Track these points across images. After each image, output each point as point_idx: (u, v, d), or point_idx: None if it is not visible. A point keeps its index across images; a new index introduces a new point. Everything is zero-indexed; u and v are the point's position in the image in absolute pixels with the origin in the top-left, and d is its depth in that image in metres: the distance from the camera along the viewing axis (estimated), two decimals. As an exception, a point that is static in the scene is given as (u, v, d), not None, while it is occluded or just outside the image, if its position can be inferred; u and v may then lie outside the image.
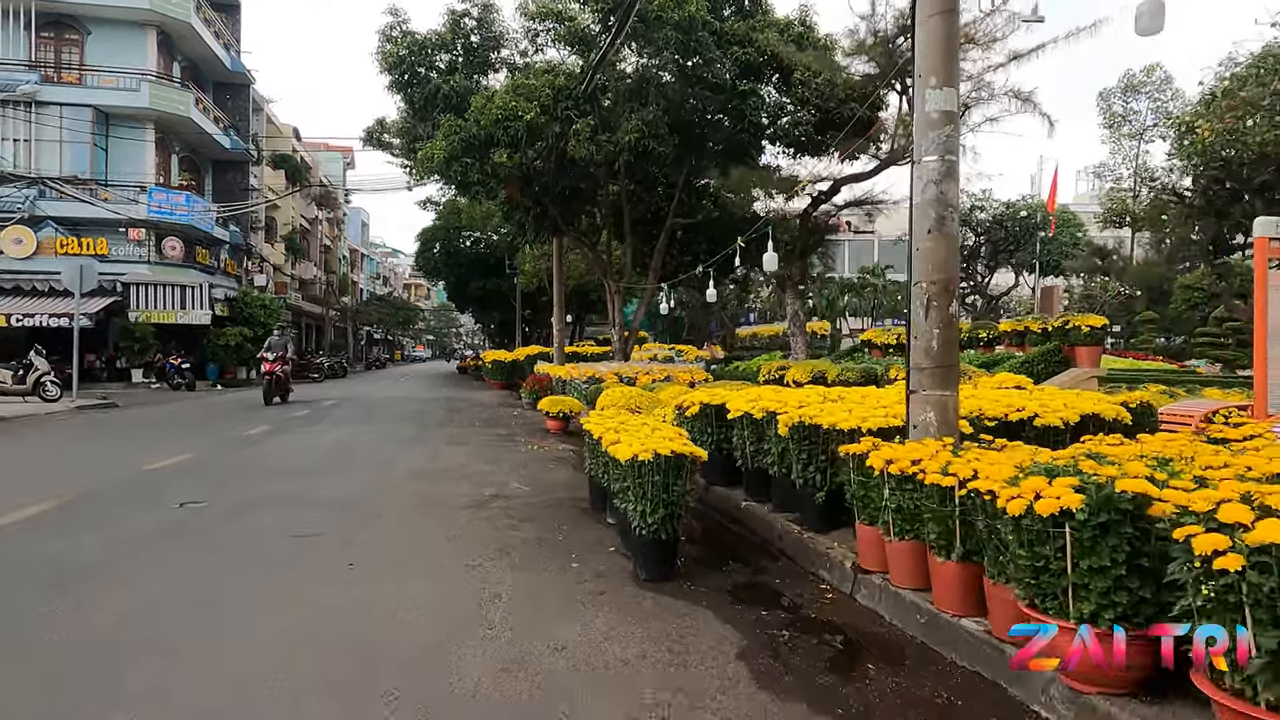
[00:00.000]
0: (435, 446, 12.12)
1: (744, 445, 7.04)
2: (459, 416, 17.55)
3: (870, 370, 11.86)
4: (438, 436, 13.57)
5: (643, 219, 20.70)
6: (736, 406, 7.03)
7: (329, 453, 11.19)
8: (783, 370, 14.52)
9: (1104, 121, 48.85)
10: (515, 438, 13.61)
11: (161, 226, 31.08)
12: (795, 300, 16.10)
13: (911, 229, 4.93)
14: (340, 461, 10.21)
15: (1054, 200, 33.85)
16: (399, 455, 10.99)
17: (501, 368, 31.32)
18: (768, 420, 6.53)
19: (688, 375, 16.52)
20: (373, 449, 11.71)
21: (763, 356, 18.43)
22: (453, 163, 15.67)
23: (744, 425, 7.01)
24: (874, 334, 15.04)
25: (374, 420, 16.49)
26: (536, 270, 34.43)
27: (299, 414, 17.52)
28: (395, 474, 9.15)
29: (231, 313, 33.59)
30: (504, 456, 11.05)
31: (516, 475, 9.32)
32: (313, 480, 8.67)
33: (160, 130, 32.51)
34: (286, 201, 47.51)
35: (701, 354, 24.46)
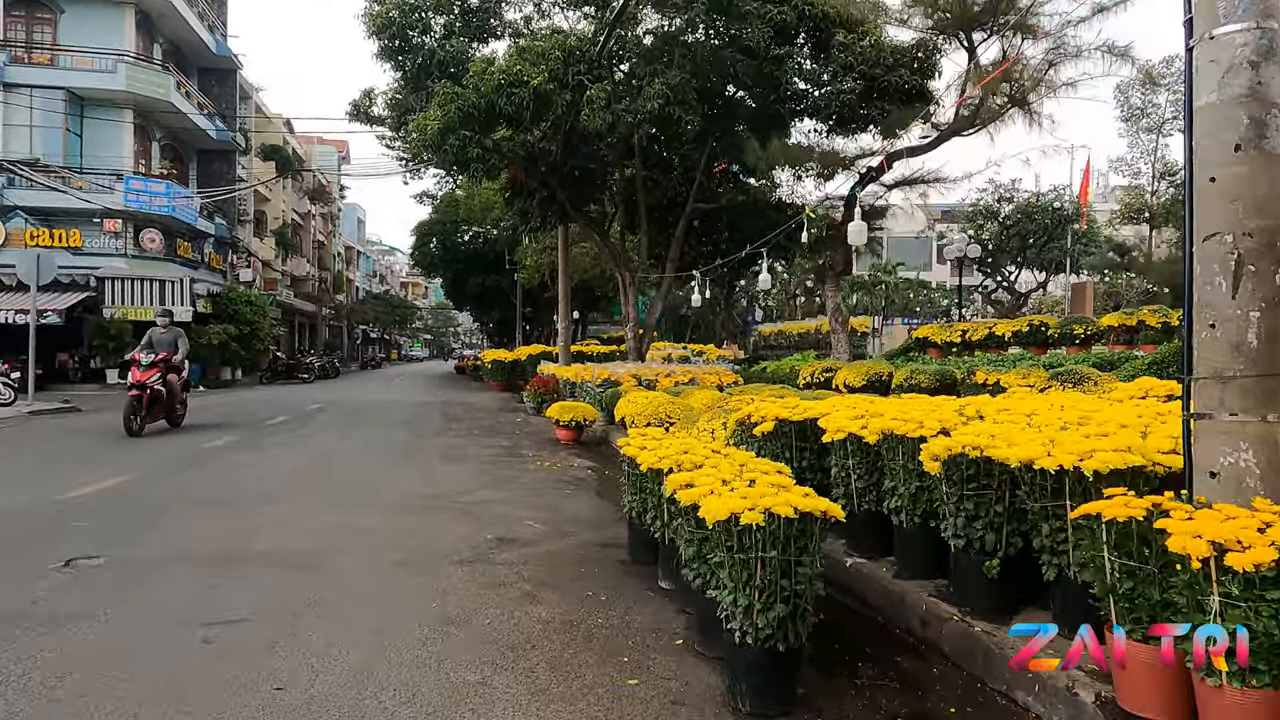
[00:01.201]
0: (428, 463, 10.20)
1: (847, 480, 5.13)
2: (457, 424, 15.64)
3: (945, 373, 9.97)
4: (432, 449, 11.65)
5: (658, 205, 18.79)
6: (835, 424, 5.11)
7: (298, 474, 9.26)
8: (829, 373, 12.61)
9: (1122, 114, 47.06)
10: (521, 450, 11.70)
11: (139, 217, 29.19)
12: (836, 293, 14.18)
13: (1191, 153, 3.02)
14: (308, 487, 8.28)
15: (1087, 190, 32.00)
16: (383, 477, 9.06)
17: (502, 368, 29.43)
18: (890, 446, 4.63)
19: (714, 378, 14.62)
20: (353, 467, 9.78)
21: (795, 356, 16.57)
22: (448, 135, 13.74)
23: (848, 452, 5.09)
24: (931, 330, 13.16)
25: (361, 428, 14.57)
26: (539, 265, 32.50)
27: (276, 420, 15.60)
28: (374, 506, 7.22)
29: (216, 310, 31.65)
30: (510, 477, 9.13)
31: (527, 505, 7.41)
32: (265, 516, 6.75)
33: (139, 116, 30.61)
34: (277, 195, 45.59)
35: (723, 353, 22.58)
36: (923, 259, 60.43)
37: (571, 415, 12.40)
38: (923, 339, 13.21)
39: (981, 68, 11.61)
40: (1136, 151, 52.91)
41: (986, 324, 11.93)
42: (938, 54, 14.10)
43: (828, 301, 14.35)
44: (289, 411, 18.00)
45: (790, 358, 16.72)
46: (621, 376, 14.13)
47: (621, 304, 18.42)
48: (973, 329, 12.33)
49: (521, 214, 19.57)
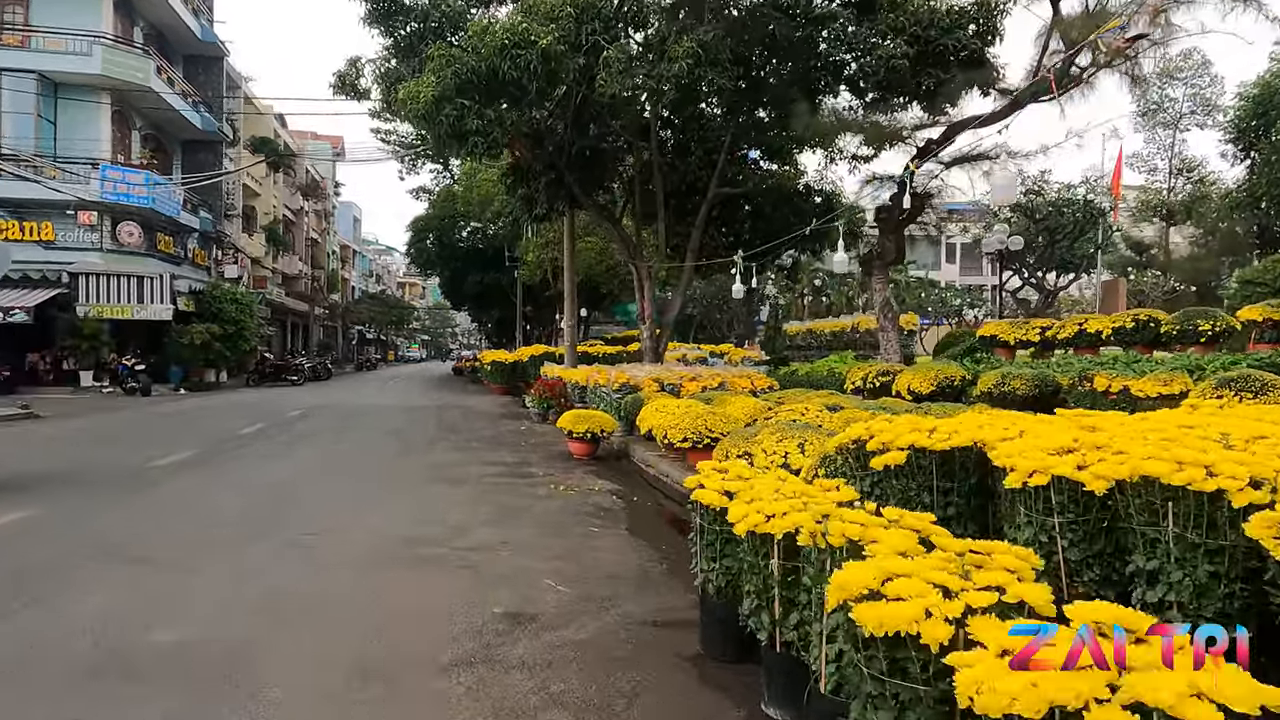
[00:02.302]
0: (418, 488, 8.44)
1: (1049, 546, 3.36)
2: (454, 434, 13.88)
3: (1045, 379, 8.22)
4: (424, 468, 9.89)
5: (675, 191, 17.03)
6: (1030, 458, 3.35)
7: (253, 507, 7.49)
8: (886, 377, 10.86)
9: (1138, 109, 45.56)
10: (529, 468, 9.94)
11: (117, 209, 27.36)
12: (885, 285, 12.45)
13: None
14: (261, 526, 6.51)
15: (1119, 182, 30.32)
16: (360, 509, 7.31)
17: (502, 370, 27.68)
18: (1146, 500, 2.89)
19: (745, 381, 12.87)
20: (325, 495, 8.02)
21: (831, 357, 14.84)
22: (443, 105, 11.97)
23: (1053, 506, 3.32)
24: (999, 327, 11.42)
25: (344, 440, 12.81)
26: (540, 260, 30.74)
27: (249, 430, 13.83)
28: (342, 558, 5.46)
29: (199, 307, 29.87)
30: (518, 506, 7.37)
31: (544, 552, 5.67)
32: (190, 578, 5.00)
33: (118, 102, 28.81)
34: (268, 189, 43.81)
35: (748, 354, 20.82)
36: (929, 258, 58.68)
37: (587, 426, 10.65)
38: (989, 337, 11.48)
39: (1066, 19, 9.90)
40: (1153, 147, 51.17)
41: (1075, 319, 10.20)
42: (1000, 13, 12.36)
43: (875, 295, 12.61)
44: (267, 418, 16.22)
45: (825, 359, 15.00)
46: (641, 380, 12.38)
47: (638, 300, 16.66)
48: (1056, 326, 10.59)
49: (525, 201, 17.80)
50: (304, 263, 51.96)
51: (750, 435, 7.27)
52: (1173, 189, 47.48)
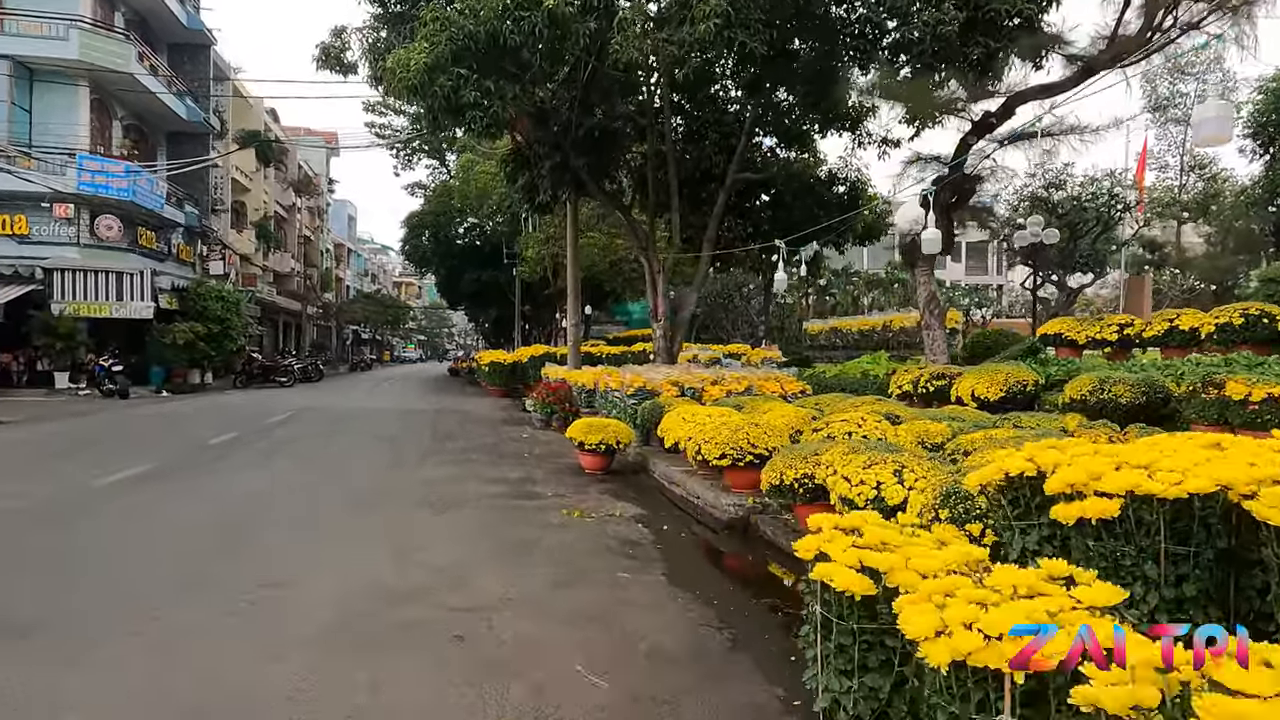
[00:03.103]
0: (405, 514, 7.10)
1: None
2: (450, 442, 12.54)
3: (1153, 384, 6.90)
4: (414, 487, 8.56)
5: (689, 179, 15.72)
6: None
7: (201, 540, 6.15)
8: (940, 380, 9.54)
9: (1149, 105, 44.48)
10: (535, 485, 8.61)
11: (95, 202, 25.98)
12: (931, 278, 11.14)
13: None
14: (203, 573, 5.16)
15: (1143, 173, 29.10)
16: (333, 546, 5.97)
17: (501, 371, 26.36)
18: None
19: (774, 385, 11.56)
20: (292, 525, 6.67)
21: (864, 358, 13.53)
22: (437, 74, 10.64)
23: None
24: (1064, 324, 10.12)
25: (327, 450, 11.47)
26: (540, 257, 29.39)
27: (221, 439, 12.48)
28: (297, 628, 4.12)
29: (182, 305, 28.46)
30: (527, 542, 6.04)
31: (565, 614, 4.34)
32: (59, 673, 3.66)
33: (97, 90, 27.45)
34: (258, 184, 42.41)
35: (769, 354, 19.47)
36: (935, 257, 57.43)
37: (600, 437, 9.31)
38: (1054, 335, 10.17)
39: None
40: (1164, 144, 49.96)
41: (1165, 315, 8.89)
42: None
43: (920, 289, 11.29)
44: (246, 424, 14.87)
45: (856, 360, 13.70)
46: (659, 384, 11.05)
47: (649, 296, 15.33)
48: (1139, 323, 9.28)
49: (526, 189, 16.49)
50: (296, 261, 50.53)
51: (809, 454, 5.96)
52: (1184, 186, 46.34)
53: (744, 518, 6.86)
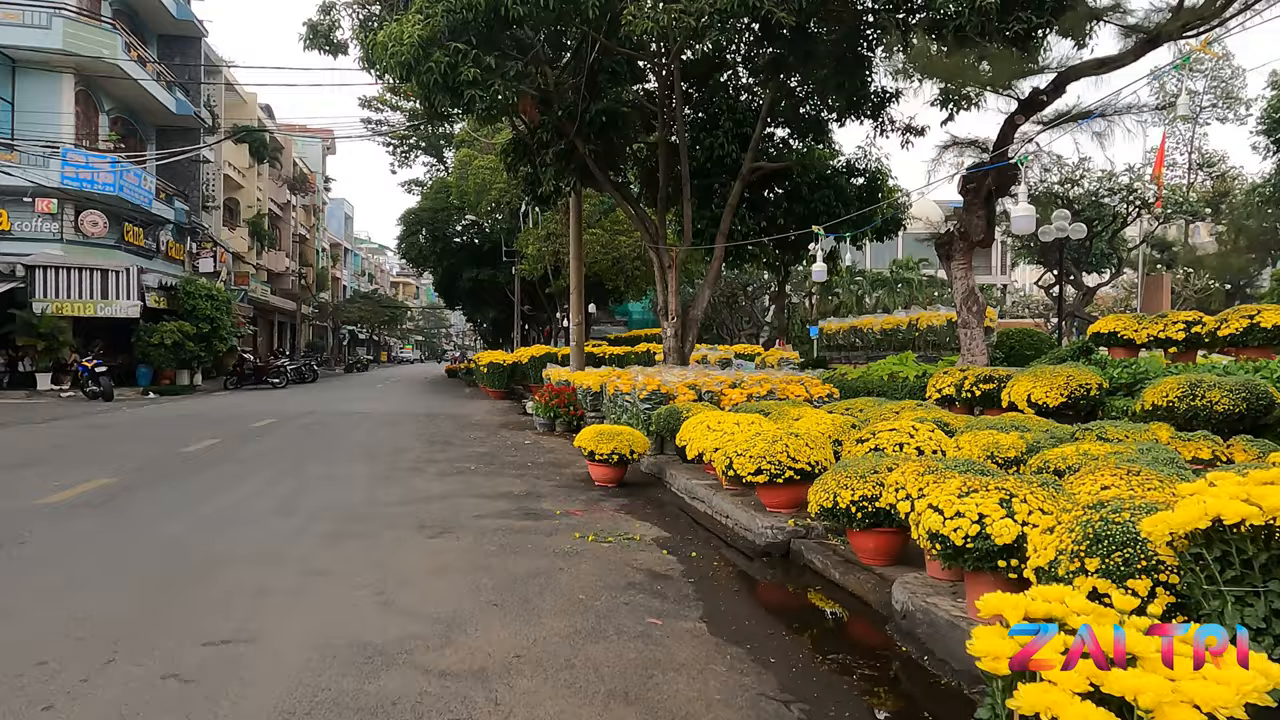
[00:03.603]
0: (391, 539, 6.18)
1: None
2: (445, 450, 11.61)
3: (1254, 390, 6.00)
4: (403, 504, 7.64)
5: (700, 168, 14.79)
6: None
7: (144, 580, 5.24)
8: (990, 384, 8.63)
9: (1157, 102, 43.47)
10: (541, 501, 7.69)
11: (79, 197, 25.08)
12: (969, 272, 10.23)
13: None
14: (138, 627, 4.23)
15: (1160, 166, 28.22)
16: (301, 585, 5.04)
17: (499, 372, 25.44)
18: None
19: (798, 388, 10.65)
20: (258, 556, 5.72)
21: (889, 359, 12.63)
22: (432, 49, 9.72)
23: None
24: (1119, 322, 9.21)
25: (312, 460, 10.54)
26: (541, 254, 28.47)
27: (197, 447, 11.55)
28: (238, 711, 3.21)
29: (171, 304, 27.52)
30: (535, 577, 5.11)
31: (588, 685, 3.42)
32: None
33: (83, 82, 26.53)
34: (251, 181, 41.49)
35: (787, 355, 18.52)
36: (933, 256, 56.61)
37: (613, 447, 8.39)
38: (1107, 334, 9.26)
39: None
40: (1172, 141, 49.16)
41: (1243, 312, 7.98)
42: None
43: (955, 284, 10.37)
44: (226, 430, 13.94)
45: (881, 361, 12.79)
46: (674, 387, 10.13)
47: (658, 292, 14.40)
48: (1211, 320, 8.37)
49: (527, 181, 15.58)
50: (291, 259, 49.59)
51: (866, 471, 5.06)
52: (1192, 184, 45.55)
53: (784, 543, 5.95)
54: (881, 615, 4.49)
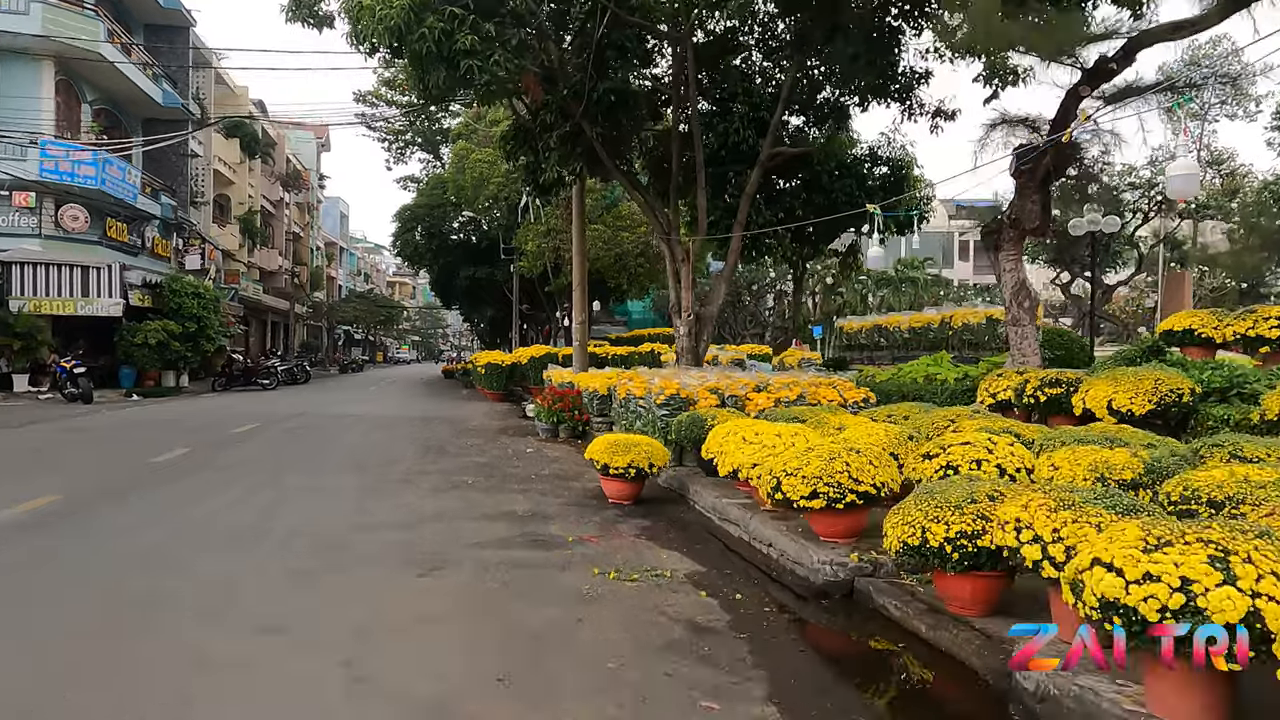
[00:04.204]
0: (373, 580, 5.15)
1: None
2: (440, 460, 10.58)
3: None
4: (390, 530, 6.61)
5: (714, 156, 13.79)
6: None
7: (49, 643, 4.21)
8: (1056, 388, 7.62)
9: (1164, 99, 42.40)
10: (549, 524, 6.67)
11: (59, 191, 24.00)
12: (1020, 263, 9.24)
13: None
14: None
15: (1184, 163, 27.25)
16: (253, 650, 4.01)
17: (497, 373, 24.41)
18: None
19: (830, 393, 9.64)
20: (202, 611, 4.65)
21: (922, 360, 11.65)
22: (424, 14, 8.71)
23: None
24: (1197, 318, 8.24)
25: (292, 472, 9.50)
26: (541, 251, 27.43)
27: (173, 454, 10.51)
28: None
29: (156, 302, 26.41)
30: (549, 634, 4.09)
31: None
32: None
33: (64, 70, 25.46)
34: (243, 177, 40.41)
35: (809, 355, 17.49)
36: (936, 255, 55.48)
37: (630, 459, 7.38)
38: (1180, 332, 8.29)
39: None
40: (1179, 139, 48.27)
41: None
42: None
43: (1004, 277, 9.37)
44: (203, 436, 12.90)
45: (914, 363, 11.79)
46: (695, 391, 9.12)
47: (672, 288, 13.38)
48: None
49: (528, 170, 14.54)
50: (284, 258, 48.51)
51: (964, 501, 4.05)
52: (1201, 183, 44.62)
53: (847, 581, 4.94)
54: (995, 689, 3.49)
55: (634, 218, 27.77)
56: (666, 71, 14.87)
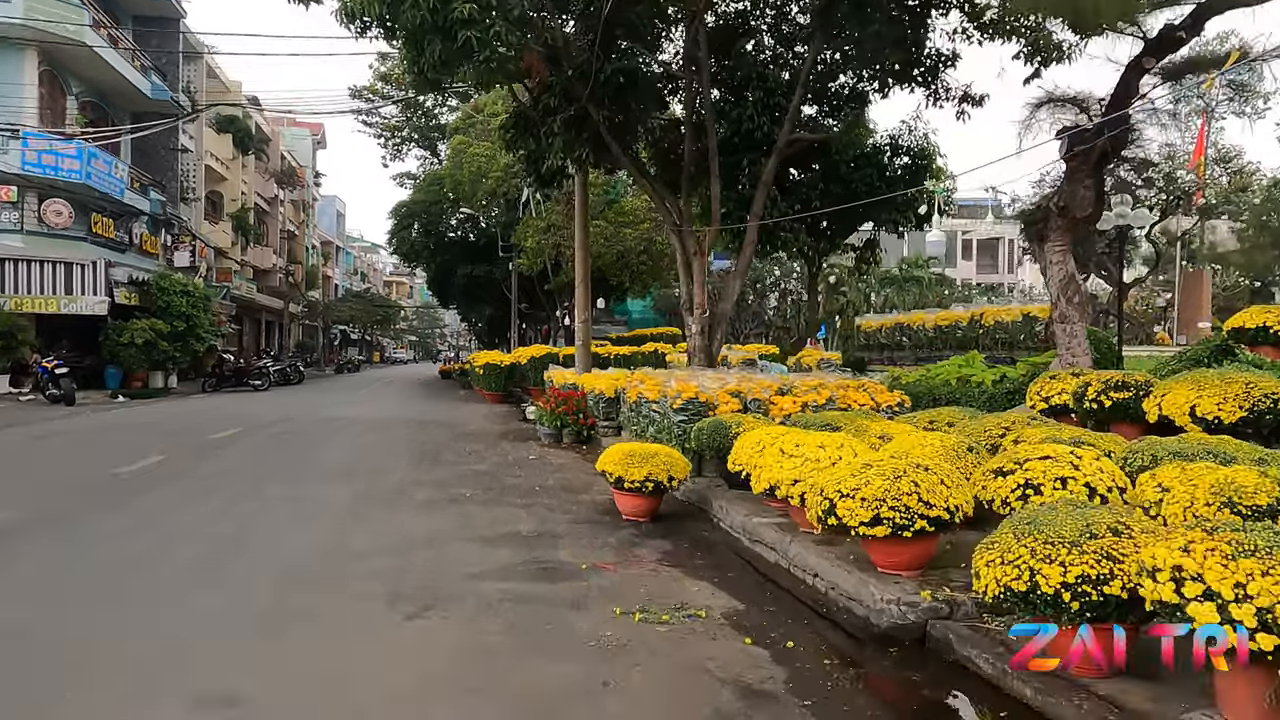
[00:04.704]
0: (350, 626, 4.33)
1: None
2: (436, 471, 9.75)
3: None
4: (375, 555, 5.80)
5: (726, 143, 12.97)
6: None
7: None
8: (1121, 393, 6.82)
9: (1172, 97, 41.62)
10: (558, 549, 5.85)
11: (42, 184, 23.16)
12: (1068, 255, 8.45)
13: None
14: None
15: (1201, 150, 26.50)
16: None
17: (496, 374, 23.58)
18: None
19: (861, 396, 8.84)
20: (123, 682, 3.85)
21: (953, 360, 10.85)
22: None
23: None
24: (1269, 314, 7.47)
25: (268, 482, 8.69)
26: (541, 247, 26.60)
27: (143, 463, 9.67)
28: None
29: (144, 300, 25.53)
30: (569, 704, 3.27)
31: None
32: None
33: (48, 61, 24.64)
34: (236, 173, 39.55)
35: (828, 356, 16.67)
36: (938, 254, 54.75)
37: (647, 472, 6.57)
38: (1253, 330, 7.51)
39: None
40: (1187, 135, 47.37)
41: None
42: None
43: (1051, 269, 8.57)
44: (182, 442, 12.07)
45: (942, 364, 10.98)
46: (714, 394, 8.30)
47: (683, 283, 12.57)
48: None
49: (530, 160, 13.73)
50: (279, 256, 47.60)
51: (1082, 536, 3.26)
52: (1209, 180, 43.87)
53: (919, 625, 4.14)
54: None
55: (636, 214, 26.96)
56: (675, 57, 14.06)
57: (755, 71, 13.40)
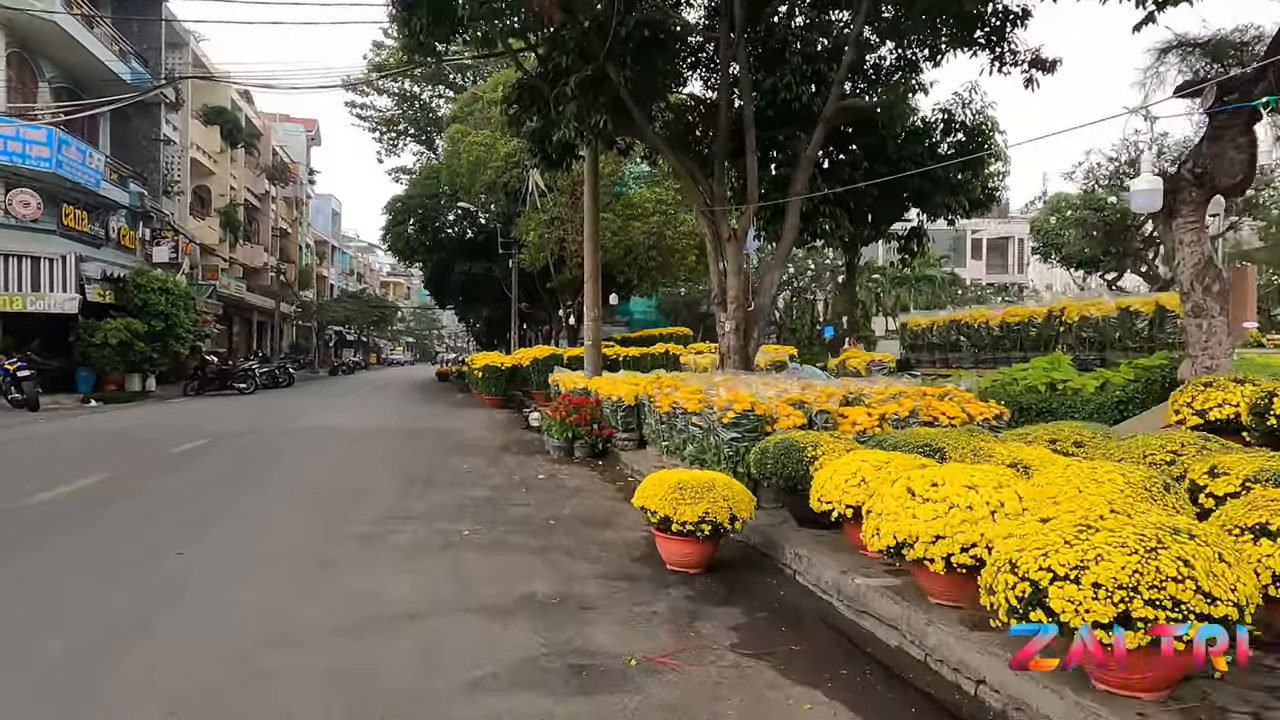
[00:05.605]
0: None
1: None
2: (430, 495, 8.09)
3: None
4: (322, 651, 4.14)
5: (760, 115, 11.33)
6: None
7: None
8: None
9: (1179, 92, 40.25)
10: (589, 623, 4.21)
11: (8, 173, 21.50)
12: (1204, 236, 6.87)
13: None
14: None
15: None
16: None
17: (496, 376, 21.95)
18: None
19: (950, 408, 7.20)
20: None
21: (1036, 362, 9.23)
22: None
23: None
24: None
25: (218, 517, 7.04)
26: (543, 242, 24.98)
27: (67, 488, 8.00)
28: None
29: (119, 298, 23.85)
30: None
31: None
32: None
33: (17, 43, 23.04)
34: (224, 167, 37.86)
35: (881, 358, 14.98)
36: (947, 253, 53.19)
37: (705, 510, 4.94)
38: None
39: None
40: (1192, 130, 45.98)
41: None
42: None
43: (1182, 250, 6.97)
44: (136, 457, 10.40)
45: (1021, 367, 9.36)
46: (774, 405, 6.65)
47: (714, 275, 10.93)
48: None
49: (536, 136, 12.12)
50: (271, 254, 45.91)
51: None
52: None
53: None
54: None
55: (645, 206, 25.37)
56: (700, 18, 12.44)
57: (794, 34, 11.79)
